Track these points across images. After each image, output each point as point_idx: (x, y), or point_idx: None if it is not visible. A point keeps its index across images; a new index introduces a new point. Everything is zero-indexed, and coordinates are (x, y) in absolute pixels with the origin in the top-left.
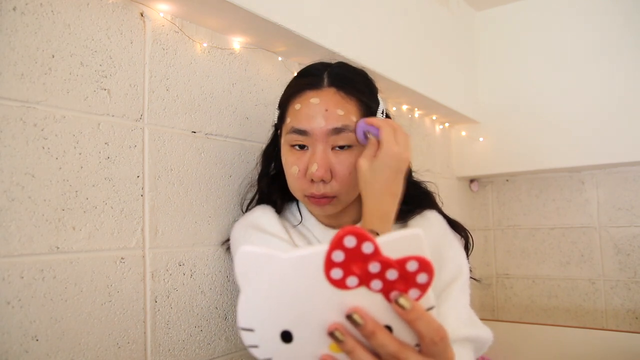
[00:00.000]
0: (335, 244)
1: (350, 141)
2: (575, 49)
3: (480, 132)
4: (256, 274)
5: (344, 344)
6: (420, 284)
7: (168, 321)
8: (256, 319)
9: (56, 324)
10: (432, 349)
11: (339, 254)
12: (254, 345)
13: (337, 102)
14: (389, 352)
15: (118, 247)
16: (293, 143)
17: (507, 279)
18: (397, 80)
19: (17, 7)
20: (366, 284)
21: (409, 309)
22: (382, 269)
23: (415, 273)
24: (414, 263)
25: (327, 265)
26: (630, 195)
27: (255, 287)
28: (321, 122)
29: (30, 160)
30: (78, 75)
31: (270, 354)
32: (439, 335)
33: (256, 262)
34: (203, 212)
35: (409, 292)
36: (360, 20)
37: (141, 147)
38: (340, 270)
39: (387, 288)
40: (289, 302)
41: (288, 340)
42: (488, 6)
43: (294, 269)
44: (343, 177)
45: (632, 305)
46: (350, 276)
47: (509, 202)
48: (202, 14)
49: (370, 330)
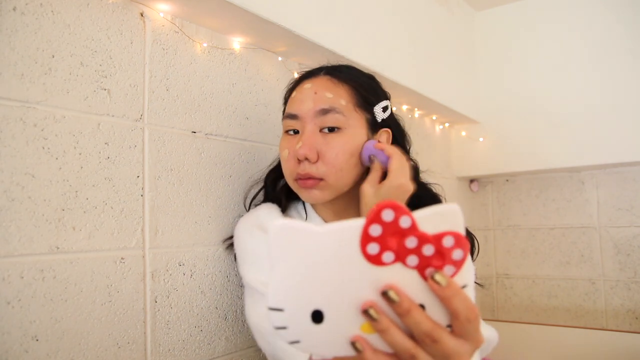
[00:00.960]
0: (372, 217)
1: (338, 123)
2: (575, 48)
3: (480, 132)
4: (290, 249)
5: (377, 322)
6: (455, 261)
7: (168, 321)
8: (287, 297)
9: (56, 324)
10: (465, 328)
11: (376, 228)
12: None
13: (327, 86)
14: (423, 331)
15: (118, 247)
16: (287, 129)
17: (507, 279)
18: (397, 80)
19: (17, 7)
20: (402, 260)
21: (445, 285)
22: (418, 244)
23: (450, 249)
24: (450, 238)
25: (363, 239)
26: (630, 195)
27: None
28: (309, 104)
29: (30, 161)
30: (78, 75)
31: (298, 336)
32: (473, 313)
33: (291, 236)
34: (203, 212)
35: (444, 269)
36: (360, 21)
37: (141, 147)
38: (376, 245)
39: (422, 264)
40: (322, 279)
41: (318, 321)
42: (488, 6)
43: (329, 243)
44: (330, 159)
45: (632, 305)
46: (386, 251)
47: (509, 202)
48: (202, 14)
49: (406, 307)
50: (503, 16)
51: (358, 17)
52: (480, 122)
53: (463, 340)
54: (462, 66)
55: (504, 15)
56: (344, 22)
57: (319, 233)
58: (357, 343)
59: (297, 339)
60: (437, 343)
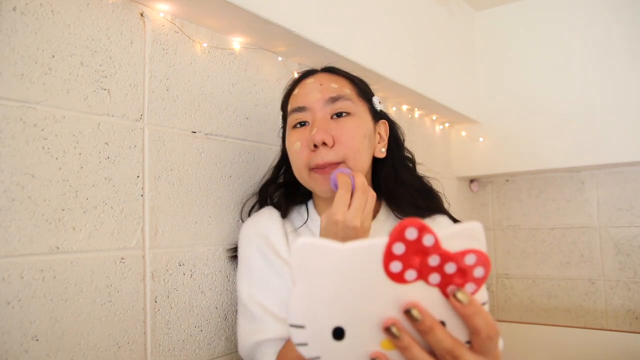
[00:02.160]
0: (396, 235)
1: (348, 109)
2: (575, 48)
3: (480, 132)
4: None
5: (399, 340)
6: (476, 278)
7: (168, 321)
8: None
9: (56, 324)
10: (486, 344)
11: (399, 247)
12: (303, 343)
13: (330, 78)
14: (445, 348)
15: (118, 247)
16: (294, 123)
17: (507, 279)
18: (397, 80)
19: (17, 7)
20: (424, 278)
21: (466, 303)
22: (441, 262)
23: (472, 267)
24: (473, 256)
25: (386, 257)
26: (630, 195)
27: (310, 281)
28: (317, 94)
29: (30, 161)
30: (78, 75)
31: (319, 352)
32: (494, 330)
33: (313, 253)
34: (203, 212)
35: (466, 286)
36: (360, 21)
37: (141, 147)
38: (399, 263)
39: (444, 282)
40: (344, 296)
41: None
42: (488, 6)
43: (352, 260)
44: (347, 141)
45: (632, 305)
46: (409, 269)
47: (509, 202)
48: (202, 14)
49: (429, 325)
50: (503, 16)
51: (358, 17)
52: (480, 122)
53: (482, 356)
54: (462, 66)
55: (504, 15)
56: (344, 22)
57: (341, 250)
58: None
59: (318, 355)
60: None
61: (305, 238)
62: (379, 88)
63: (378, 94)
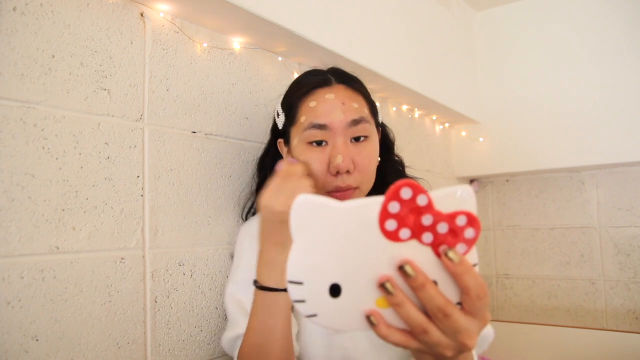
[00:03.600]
0: (392, 195)
1: (367, 132)
2: (575, 48)
3: (480, 132)
4: (311, 223)
5: (393, 296)
6: (467, 239)
7: (168, 321)
8: (307, 271)
9: (56, 324)
10: (475, 304)
11: (394, 205)
12: (301, 300)
13: (350, 96)
14: (436, 305)
15: (118, 247)
16: (311, 140)
17: (507, 279)
18: (397, 80)
19: (17, 8)
20: (418, 237)
21: (457, 262)
22: (434, 222)
23: (463, 227)
24: (463, 217)
25: (382, 215)
26: (630, 196)
27: (308, 238)
28: (340, 115)
29: (30, 161)
30: (78, 75)
31: (316, 309)
32: (483, 290)
33: (312, 211)
34: (203, 212)
35: (457, 246)
36: (360, 21)
37: (141, 147)
38: (394, 221)
39: (437, 241)
40: (341, 253)
41: (336, 295)
42: (488, 6)
43: (349, 218)
44: (364, 167)
45: (632, 305)
46: (403, 228)
47: (509, 202)
48: (202, 14)
49: (421, 282)
50: (503, 16)
51: (358, 18)
52: (480, 122)
53: (472, 317)
54: (462, 66)
55: (504, 16)
56: (344, 22)
57: (339, 208)
58: (372, 317)
59: (315, 312)
60: (448, 318)
61: (302, 195)
62: (379, 88)
63: (378, 94)
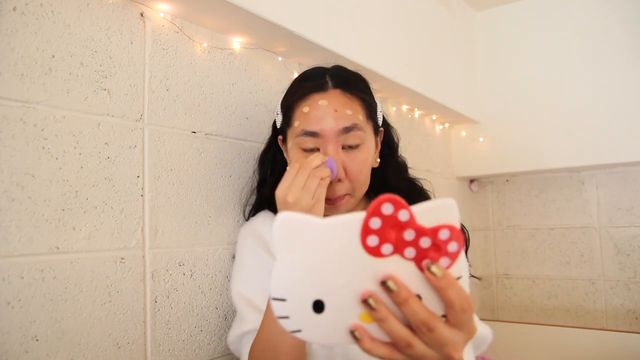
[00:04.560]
0: (372, 211)
1: (360, 139)
2: (575, 49)
3: (480, 132)
4: (293, 240)
5: (376, 311)
6: (450, 253)
7: (168, 321)
8: (289, 287)
9: (56, 324)
10: (460, 317)
11: (376, 221)
12: (285, 317)
13: (344, 102)
14: (420, 320)
15: (118, 247)
16: (304, 146)
17: (507, 279)
18: (397, 80)
19: (17, 8)
20: (400, 252)
21: (440, 276)
22: (416, 237)
23: (446, 241)
24: (446, 231)
25: (363, 231)
26: (630, 196)
27: (291, 255)
28: (331, 122)
29: (30, 161)
30: (78, 75)
31: (300, 325)
32: (467, 303)
33: (294, 228)
34: (203, 212)
35: (440, 261)
36: (360, 21)
37: (141, 147)
38: (376, 237)
39: (419, 256)
40: (323, 270)
41: (319, 310)
42: (488, 6)
43: (331, 235)
44: (356, 175)
45: (632, 305)
46: (385, 243)
47: (509, 202)
48: (202, 14)
49: (404, 297)
50: (503, 16)
51: (358, 18)
52: (480, 122)
53: (457, 329)
54: (462, 66)
55: (503, 16)
56: (344, 22)
57: (321, 225)
58: (356, 332)
59: (299, 328)
60: (432, 332)
61: (285, 213)
62: (379, 88)
63: (378, 95)
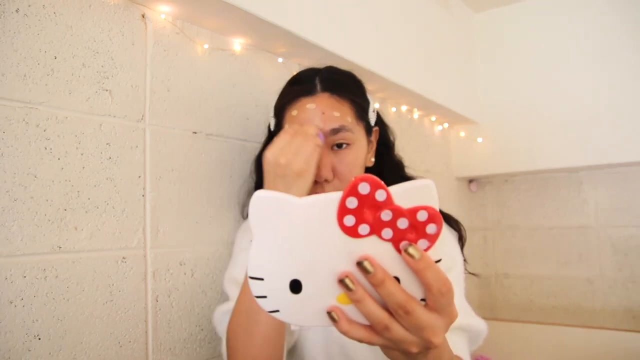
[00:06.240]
0: (349, 190)
1: (349, 140)
2: (574, 49)
3: (479, 133)
4: (269, 219)
5: (353, 292)
6: (429, 235)
7: (169, 320)
8: (267, 267)
9: (58, 322)
10: (439, 301)
11: (352, 201)
12: (263, 296)
13: (332, 105)
14: (397, 302)
15: (119, 246)
16: None
17: (505, 278)
18: (396, 81)
19: (20, 9)
20: (377, 233)
21: (418, 258)
22: (393, 217)
23: (424, 223)
24: (424, 213)
25: (340, 211)
26: (628, 196)
27: (267, 234)
28: (319, 125)
29: (32, 161)
30: (80, 76)
31: (277, 305)
32: (446, 286)
33: (270, 207)
34: (204, 212)
35: (418, 242)
36: (360, 22)
37: (142, 147)
38: (353, 217)
39: (397, 237)
40: (300, 249)
41: (297, 291)
42: (487, 7)
43: (307, 214)
44: (344, 175)
45: (630, 304)
46: (362, 224)
47: (508, 202)
48: (202, 16)
49: (380, 278)
50: (502, 17)
51: (358, 19)
52: (479, 123)
53: (437, 313)
54: (461, 67)
55: (502, 17)
56: (344, 23)
57: (297, 204)
58: (333, 312)
59: (276, 308)
60: (410, 315)
61: (261, 191)
62: (378, 88)
63: (378, 95)
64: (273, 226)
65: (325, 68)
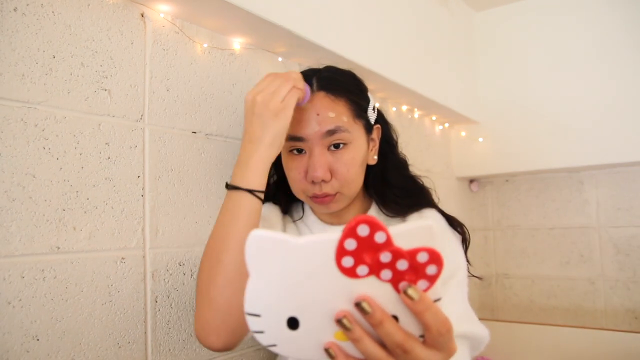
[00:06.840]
0: (348, 232)
1: (345, 140)
2: (574, 49)
3: (479, 133)
4: (266, 258)
5: (351, 332)
6: (429, 276)
7: (168, 321)
8: (263, 304)
9: (57, 323)
10: (437, 340)
11: (351, 242)
12: (260, 331)
13: (327, 105)
14: (395, 342)
15: (118, 247)
16: (291, 148)
17: (506, 279)
18: (396, 80)
19: (18, 8)
20: (376, 274)
21: (417, 299)
22: (393, 259)
23: (425, 264)
24: (425, 254)
25: (338, 253)
26: (629, 196)
27: (264, 272)
28: (315, 126)
29: (31, 161)
30: (79, 75)
31: (275, 340)
32: (445, 327)
33: (267, 246)
34: (203, 212)
35: (418, 283)
36: (360, 21)
37: (142, 147)
38: (351, 258)
39: (396, 278)
40: (298, 288)
41: (294, 327)
42: (487, 7)
43: (305, 255)
44: (342, 174)
45: (631, 305)
46: (361, 265)
47: (509, 202)
48: (202, 15)
49: (378, 318)
50: (502, 17)
51: (358, 18)
52: (480, 123)
53: (435, 350)
54: (462, 67)
55: (503, 16)
56: (344, 22)
57: (295, 245)
58: (330, 349)
59: (274, 342)
60: (408, 354)
61: (257, 230)
62: (379, 88)
63: (378, 94)
64: (270, 265)
65: (324, 67)
